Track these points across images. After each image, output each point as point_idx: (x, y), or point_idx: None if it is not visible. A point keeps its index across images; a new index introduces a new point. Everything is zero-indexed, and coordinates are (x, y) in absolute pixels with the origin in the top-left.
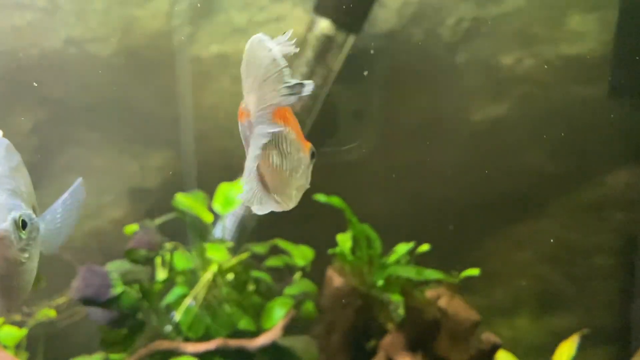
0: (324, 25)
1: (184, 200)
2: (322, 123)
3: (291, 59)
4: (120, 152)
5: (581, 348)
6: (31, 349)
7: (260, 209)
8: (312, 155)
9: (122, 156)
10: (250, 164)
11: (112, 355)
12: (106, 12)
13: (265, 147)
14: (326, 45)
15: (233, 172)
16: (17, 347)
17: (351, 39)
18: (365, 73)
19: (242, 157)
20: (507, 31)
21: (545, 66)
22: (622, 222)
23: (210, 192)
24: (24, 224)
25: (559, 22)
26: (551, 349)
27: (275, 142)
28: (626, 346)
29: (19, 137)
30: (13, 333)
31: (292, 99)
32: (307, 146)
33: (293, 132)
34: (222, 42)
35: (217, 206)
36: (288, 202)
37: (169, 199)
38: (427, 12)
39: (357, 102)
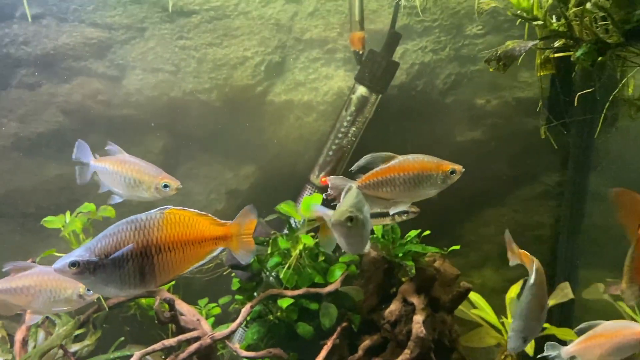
0: (362, 90)
1: (284, 207)
2: (358, 151)
3: (341, 111)
4: (222, 165)
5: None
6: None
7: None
8: None
9: (223, 168)
10: None
11: (238, 297)
12: (211, 72)
13: None
14: (363, 102)
15: (296, 180)
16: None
17: (379, 97)
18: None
19: (304, 172)
20: (480, 82)
21: (505, 105)
22: (553, 207)
23: (281, 193)
24: None
25: (514, 75)
26: (506, 290)
27: None
28: (553, 284)
29: (152, 155)
30: None
31: None
32: None
33: None
34: (288, 93)
35: (302, 211)
36: None
37: (254, 198)
38: (426, 70)
39: (381, 132)
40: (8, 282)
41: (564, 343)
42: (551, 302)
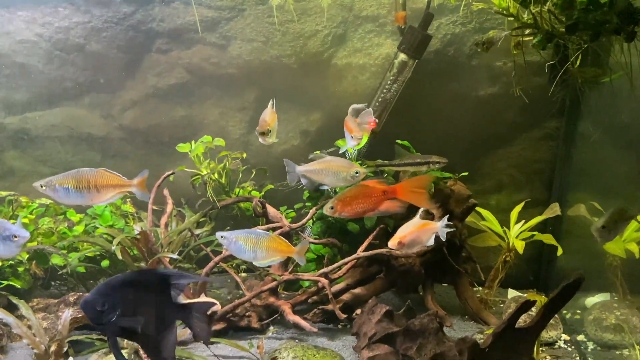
0: (402, 56)
1: (341, 143)
2: (399, 101)
3: (386, 72)
4: (297, 112)
5: (524, 208)
6: None
7: None
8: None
9: (298, 114)
10: None
11: (308, 203)
12: (292, 42)
13: None
14: (403, 66)
15: None
16: None
17: (416, 62)
18: None
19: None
20: (499, 48)
21: (518, 66)
22: (550, 147)
23: (339, 133)
24: None
25: (526, 42)
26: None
27: None
28: (547, 205)
29: (247, 103)
30: None
31: None
32: None
33: None
34: (348, 57)
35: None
36: None
37: (320, 137)
38: (456, 39)
39: (420, 88)
40: (311, 165)
41: (550, 246)
42: (543, 217)
